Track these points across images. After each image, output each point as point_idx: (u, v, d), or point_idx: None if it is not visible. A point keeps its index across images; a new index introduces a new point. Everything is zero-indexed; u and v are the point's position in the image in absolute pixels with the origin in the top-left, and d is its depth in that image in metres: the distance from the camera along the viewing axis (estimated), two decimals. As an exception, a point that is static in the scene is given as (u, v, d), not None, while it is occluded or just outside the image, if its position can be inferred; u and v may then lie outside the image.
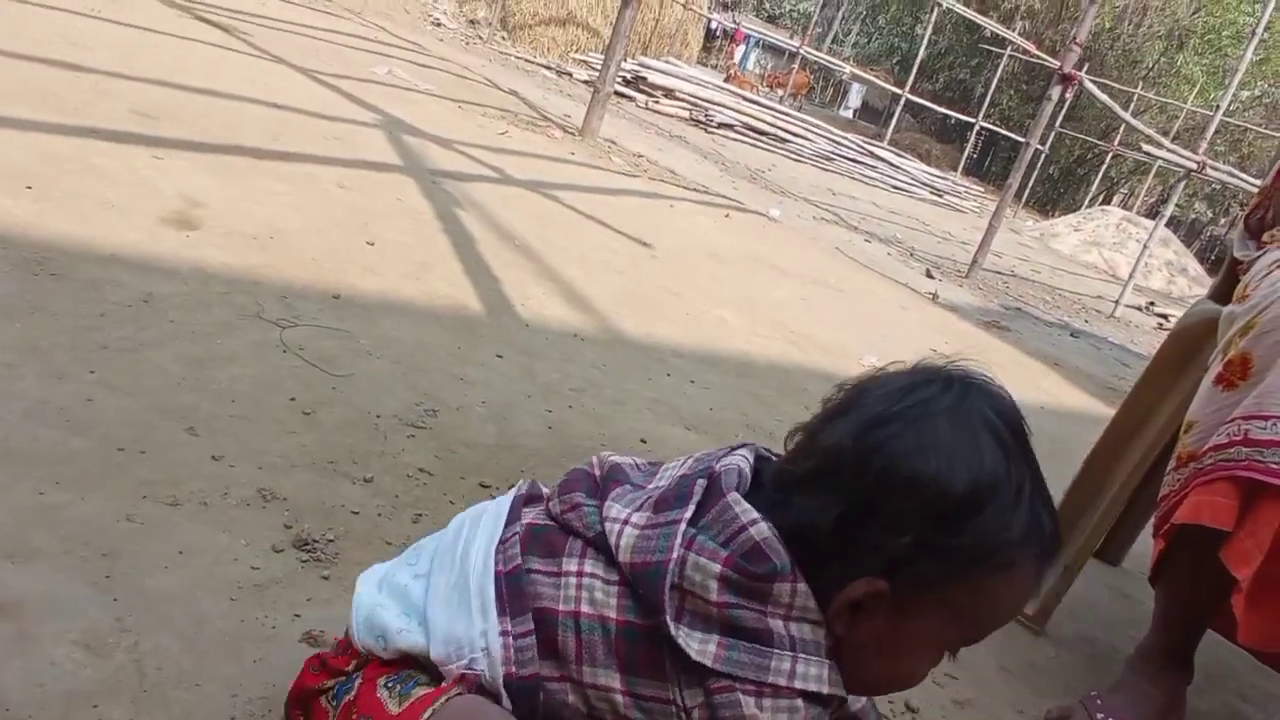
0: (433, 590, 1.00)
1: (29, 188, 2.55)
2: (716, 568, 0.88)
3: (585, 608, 0.91)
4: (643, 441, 2.40)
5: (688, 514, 0.91)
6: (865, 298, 5.49)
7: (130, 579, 1.33)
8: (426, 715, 0.90)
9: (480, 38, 13.78)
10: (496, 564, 0.97)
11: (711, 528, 0.91)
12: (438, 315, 2.74)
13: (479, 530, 1.02)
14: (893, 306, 5.56)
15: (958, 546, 0.87)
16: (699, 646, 0.87)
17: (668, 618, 0.88)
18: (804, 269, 5.52)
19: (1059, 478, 3.29)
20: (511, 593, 0.95)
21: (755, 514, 0.90)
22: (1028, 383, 4.79)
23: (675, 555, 0.89)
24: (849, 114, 30.18)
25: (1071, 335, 7.14)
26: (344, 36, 8.22)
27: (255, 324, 2.26)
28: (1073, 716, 1.79)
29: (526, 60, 13.14)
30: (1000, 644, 2.07)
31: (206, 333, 2.13)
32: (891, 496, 0.87)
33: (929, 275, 7.37)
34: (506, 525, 1.01)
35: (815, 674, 0.88)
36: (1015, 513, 0.87)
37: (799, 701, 0.86)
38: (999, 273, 9.17)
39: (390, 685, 0.97)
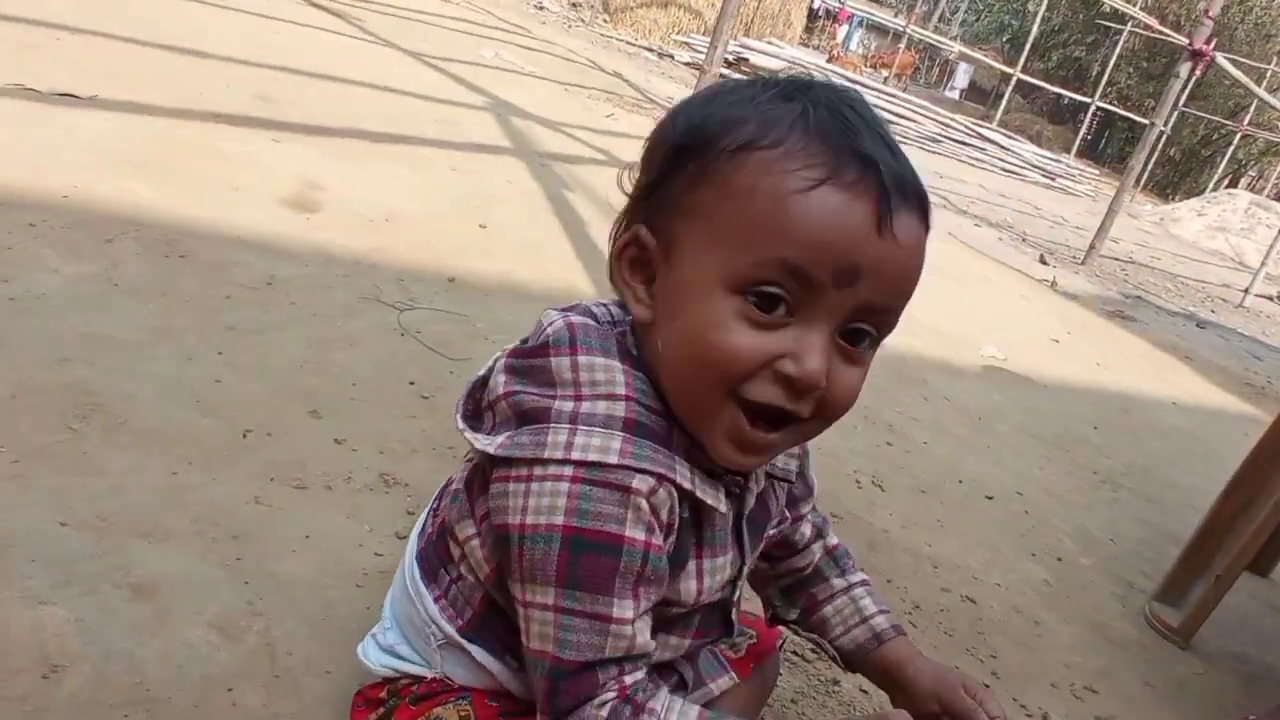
0: (392, 594, 1.02)
1: (156, 171, 2.61)
2: (503, 361, 0.86)
3: (454, 488, 0.93)
4: (759, 432, 2.32)
5: (513, 345, 0.88)
6: (982, 285, 5.28)
7: (260, 562, 1.33)
8: None
9: (582, 20, 13.79)
10: (418, 545, 0.98)
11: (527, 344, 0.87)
12: (552, 298, 2.72)
13: (416, 524, 1.03)
14: (1010, 294, 5.34)
15: (686, 147, 0.78)
16: (488, 439, 0.82)
17: (457, 415, 0.87)
18: (916, 254, 5.34)
19: (1200, 478, 3.11)
20: (429, 563, 0.95)
21: (558, 314, 0.85)
22: (1158, 377, 4.54)
23: (481, 373, 0.89)
24: (955, 94, 29.31)
25: (1198, 326, 6.77)
26: (451, 20, 8.30)
27: (374, 307, 2.26)
28: (1230, 741, 1.66)
29: (628, 42, 13.09)
30: (1144, 658, 1.95)
31: (328, 315, 2.14)
32: (649, 152, 0.83)
33: (1043, 261, 7.08)
34: (432, 510, 1.00)
35: (598, 445, 0.77)
36: (757, 107, 0.77)
37: (564, 484, 0.76)
38: (1117, 259, 8.76)
39: None
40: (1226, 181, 23.02)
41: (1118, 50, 20.51)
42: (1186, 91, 18.10)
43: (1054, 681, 1.76)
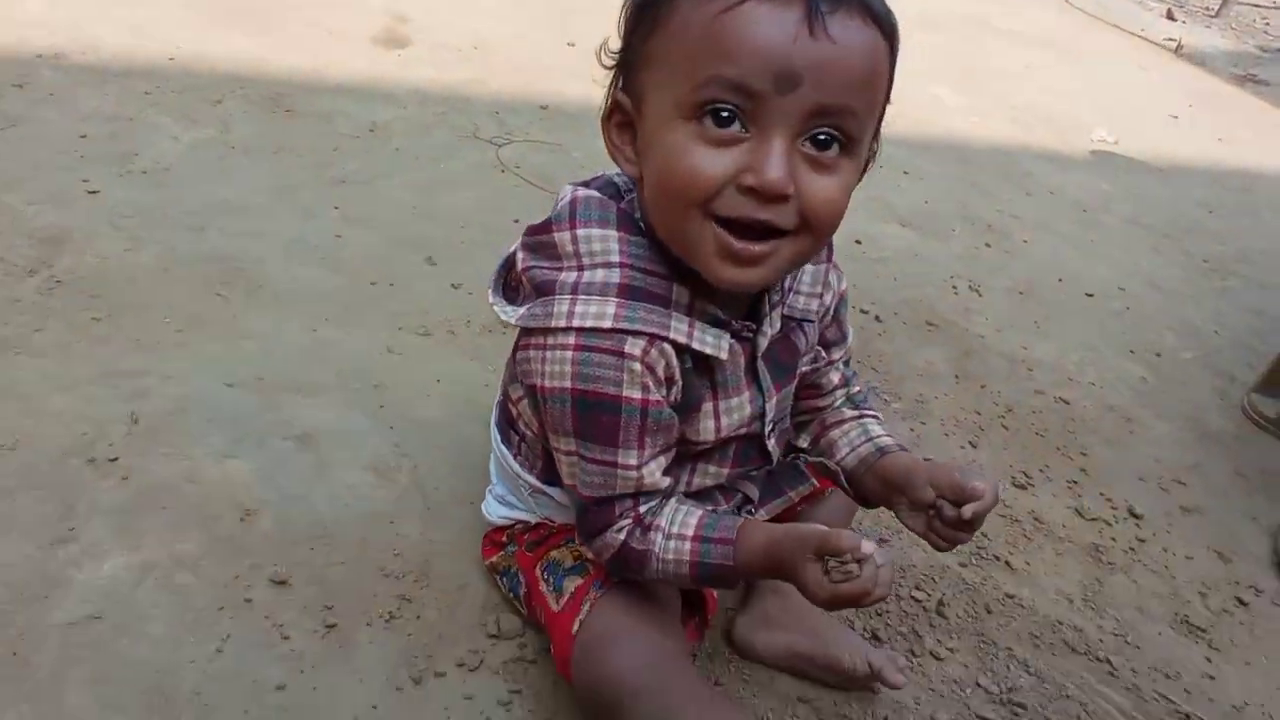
0: (493, 454, 1.19)
1: (250, 20, 2.66)
2: (521, 239, 0.94)
3: (508, 356, 1.06)
4: (857, 243, 2.36)
5: (536, 222, 0.94)
6: (1097, 59, 4.96)
7: (400, 408, 1.49)
8: (580, 618, 1.00)
9: None
10: (495, 413, 1.16)
11: None
12: (642, 120, 2.72)
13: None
14: (1129, 67, 5.00)
15: (641, 5, 0.85)
16: (512, 310, 0.93)
17: (490, 290, 0.97)
18: (1027, 29, 5.02)
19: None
20: (502, 427, 1.13)
21: (569, 189, 0.94)
22: (1287, 148, 4.27)
23: (511, 250, 0.97)
24: None
25: (1344, 80, 6.21)
26: None
27: (473, 144, 2.33)
28: (1318, 529, 1.73)
29: None
30: (1237, 450, 2.00)
31: (430, 157, 2.23)
32: (621, 20, 0.88)
33: (1170, 16, 6.53)
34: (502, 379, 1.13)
35: (595, 311, 0.87)
36: None
37: (568, 352, 0.87)
38: (1259, 6, 7.97)
39: (546, 578, 1.09)
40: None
41: None
42: None
43: (1142, 475, 1.83)
